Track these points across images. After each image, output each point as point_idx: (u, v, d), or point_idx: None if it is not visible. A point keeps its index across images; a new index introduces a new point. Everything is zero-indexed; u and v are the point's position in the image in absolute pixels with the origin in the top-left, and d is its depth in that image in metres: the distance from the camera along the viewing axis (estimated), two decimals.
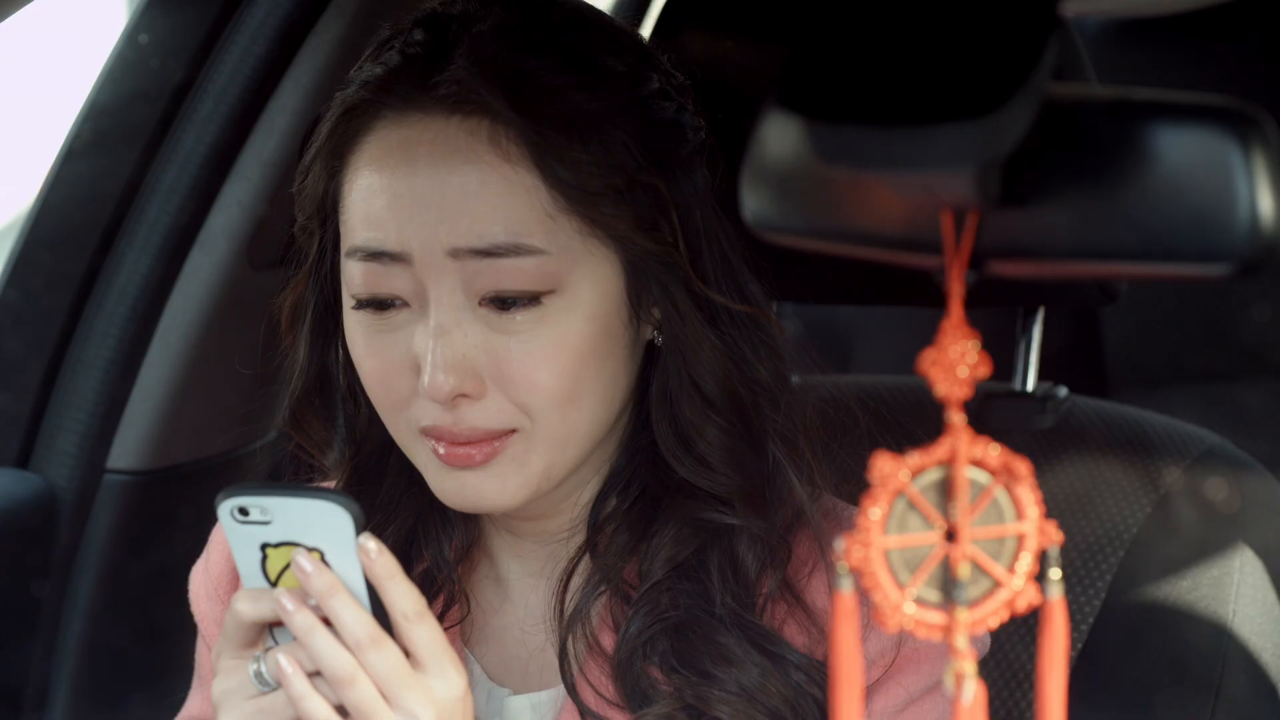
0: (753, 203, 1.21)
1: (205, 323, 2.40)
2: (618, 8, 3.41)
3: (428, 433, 1.60)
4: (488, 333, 1.58)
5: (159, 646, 2.45)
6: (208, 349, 2.41)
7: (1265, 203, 1.10)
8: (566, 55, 1.60)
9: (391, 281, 1.59)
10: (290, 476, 1.79)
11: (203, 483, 2.46)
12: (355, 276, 1.60)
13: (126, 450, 2.41)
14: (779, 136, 1.18)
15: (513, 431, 1.59)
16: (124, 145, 2.37)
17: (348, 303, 1.63)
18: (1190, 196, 1.11)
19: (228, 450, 2.49)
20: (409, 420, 1.61)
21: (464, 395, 1.58)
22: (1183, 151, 1.12)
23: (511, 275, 1.57)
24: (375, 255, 1.59)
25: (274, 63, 2.35)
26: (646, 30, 2.10)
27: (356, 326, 1.62)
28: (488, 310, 1.58)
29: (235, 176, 2.37)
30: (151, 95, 2.36)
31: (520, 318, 1.58)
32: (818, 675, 1.62)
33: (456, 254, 1.57)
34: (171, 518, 2.44)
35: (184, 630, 2.40)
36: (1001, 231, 1.14)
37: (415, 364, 1.59)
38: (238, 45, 2.34)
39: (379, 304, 1.60)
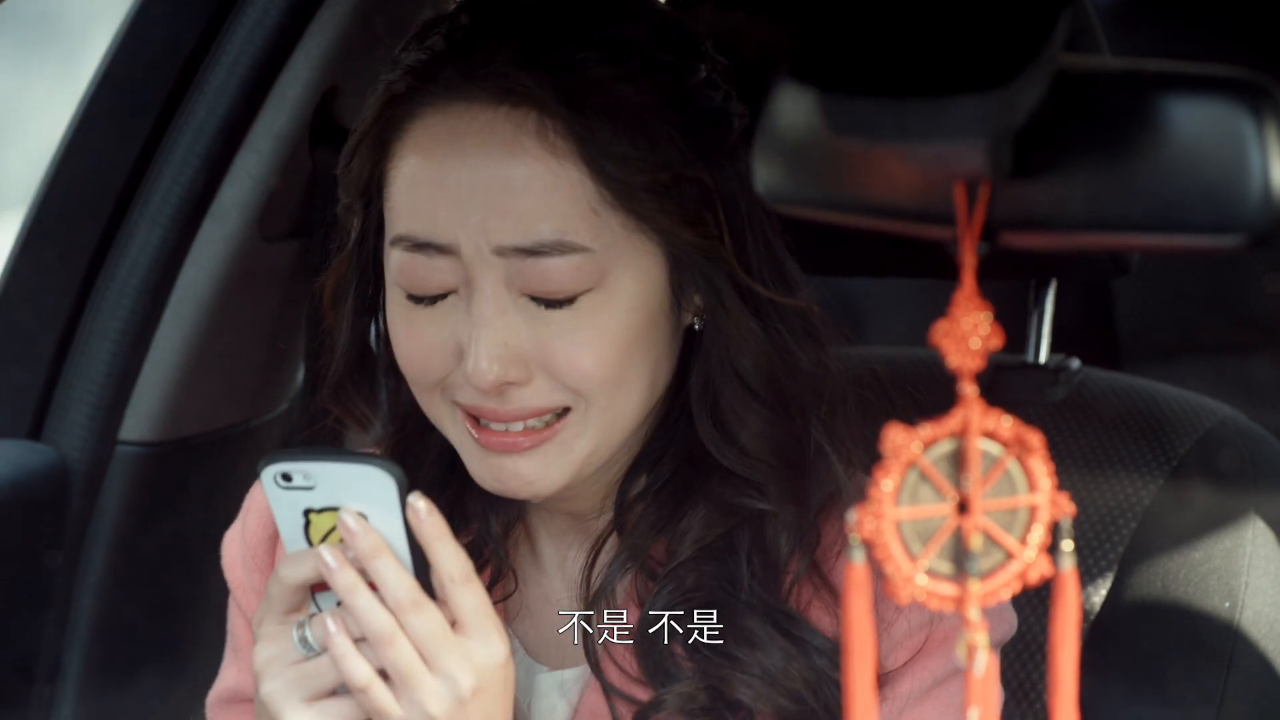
0: (765, 175, 1.21)
1: (217, 294, 2.40)
2: None
3: (468, 411, 1.60)
4: (532, 321, 1.57)
5: (171, 618, 2.45)
6: (220, 320, 2.41)
7: (1277, 174, 1.10)
8: (614, 45, 1.59)
9: (437, 274, 1.58)
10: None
11: (215, 454, 2.46)
12: (399, 267, 1.60)
13: (139, 422, 2.41)
14: (791, 108, 1.18)
15: (567, 410, 1.59)
16: (135, 117, 2.37)
17: (391, 285, 1.62)
18: (1202, 168, 1.11)
19: (240, 421, 2.49)
20: (446, 396, 1.61)
21: (510, 383, 1.57)
22: (1195, 123, 1.12)
23: (556, 273, 1.56)
24: (421, 246, 1.58)
25: (285, 34, 2.34)
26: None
27: (398, 310, 1.62)
28: (530, 301, 1.58)
29: (247, 148, 2.37)
30: (163, 67, 2.36)
31: (564, 309, 1.57)
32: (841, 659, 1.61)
33: (502, 251, 1.56)
34: (184, 489, 2.44)
35: (196, 601, 2.41)
36: (1014, 203, 1.14)
37: (458, 348, 1.58)
38: (249, 17, 2.34)
39: (423, 300, 1.60)
